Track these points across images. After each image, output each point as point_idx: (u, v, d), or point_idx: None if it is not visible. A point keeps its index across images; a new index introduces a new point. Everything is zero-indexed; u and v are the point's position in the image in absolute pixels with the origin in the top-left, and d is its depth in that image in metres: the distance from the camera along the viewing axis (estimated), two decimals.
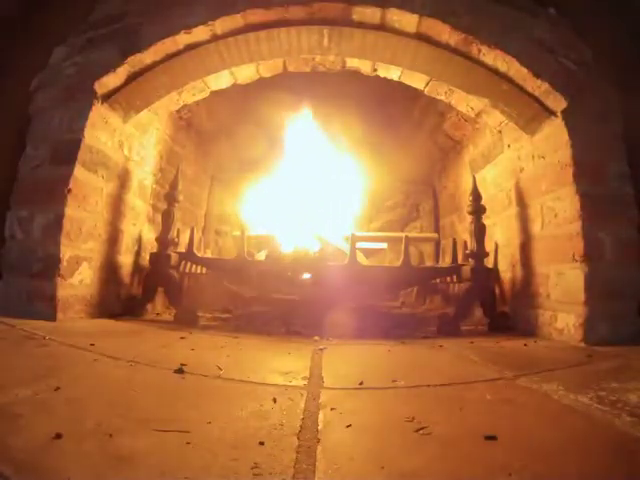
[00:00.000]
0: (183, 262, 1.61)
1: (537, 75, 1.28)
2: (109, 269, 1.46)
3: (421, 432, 0.52)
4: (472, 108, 1.50)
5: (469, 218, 1.56)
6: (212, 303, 1.87)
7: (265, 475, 0.41)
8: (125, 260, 1.57)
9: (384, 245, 2.16)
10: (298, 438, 0.50)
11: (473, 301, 1.47)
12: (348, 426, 0.54)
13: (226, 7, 1.36)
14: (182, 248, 1.59)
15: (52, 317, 1.17)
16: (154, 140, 1.75)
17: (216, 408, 0.60)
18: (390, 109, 2.29)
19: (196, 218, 2.32)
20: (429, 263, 2.22)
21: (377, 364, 0.97)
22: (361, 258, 1.68)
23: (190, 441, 0.47)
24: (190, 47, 1.42)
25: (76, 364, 0.77)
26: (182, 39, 1.39)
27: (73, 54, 1.43)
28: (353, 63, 1.48)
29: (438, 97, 1.53)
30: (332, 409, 0.61)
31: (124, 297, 1.53)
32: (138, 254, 1.65)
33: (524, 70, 1.29)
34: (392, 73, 1.49)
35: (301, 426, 0.53)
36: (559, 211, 1.27)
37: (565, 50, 1.35)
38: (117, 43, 1.37)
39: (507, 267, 1.58)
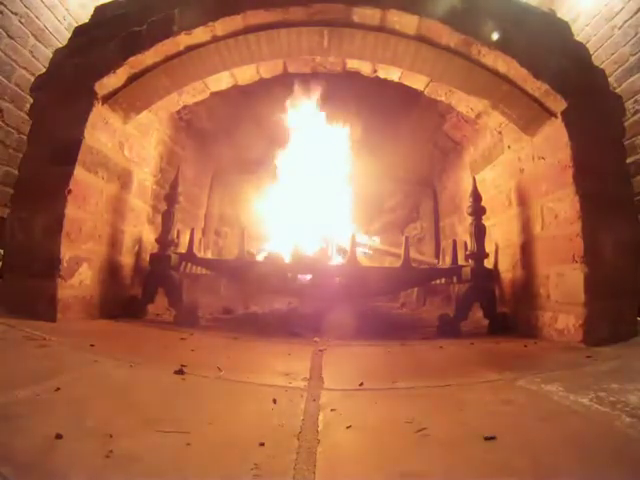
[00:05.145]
0: (183, 263, 1.61)
1: (537, 76, 1.28)
2: (109, 270, 1.46)
3: (421, 433, 0.52)
4: (472, 109, 1.51)
5: (469, 219, 1.56)
6: (212, 304, 1.87)
7: (265, 476, 0.41)
8: (125, 261, 1.57)
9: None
10: (298, 439, 0.50)
11: (473, 302, 1.47)
12: (348, 427, 0.54)
13: (226, 8, 1.36)
14: (182, 249, 1.59)
15: (52, 318, 1.17)
16: (154, 141, 1.75)
17: (216, 409, 0.60)
18: (390, 110, 2.28)
19: (196, 219, 2.31)
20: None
21: (377, 365, 0.97)
22: (361, 259, 1.68)
23: (190, 442, 0.47)
24: (190, 48, 1.42)
25: (76, 365, 0.77)
26: (182, 40, 1.39)
27: (73, 55, 1.43)
28: (353, 64, 1.48)
29: (438, 98, 1.53)
30: (332, 410, 0.61)
31: (124, 298, 1.52)
32: (138, 255, 1.65)
33: (524, 71, 1.29)
34: (392, 74, 1.49)
35: (301, 427, 0.54)
36: (559, 212, 1.27)
37: (564, 50, 1.35)
38: (117, 44, 1.37)
39: (507, 268, 1.58)
